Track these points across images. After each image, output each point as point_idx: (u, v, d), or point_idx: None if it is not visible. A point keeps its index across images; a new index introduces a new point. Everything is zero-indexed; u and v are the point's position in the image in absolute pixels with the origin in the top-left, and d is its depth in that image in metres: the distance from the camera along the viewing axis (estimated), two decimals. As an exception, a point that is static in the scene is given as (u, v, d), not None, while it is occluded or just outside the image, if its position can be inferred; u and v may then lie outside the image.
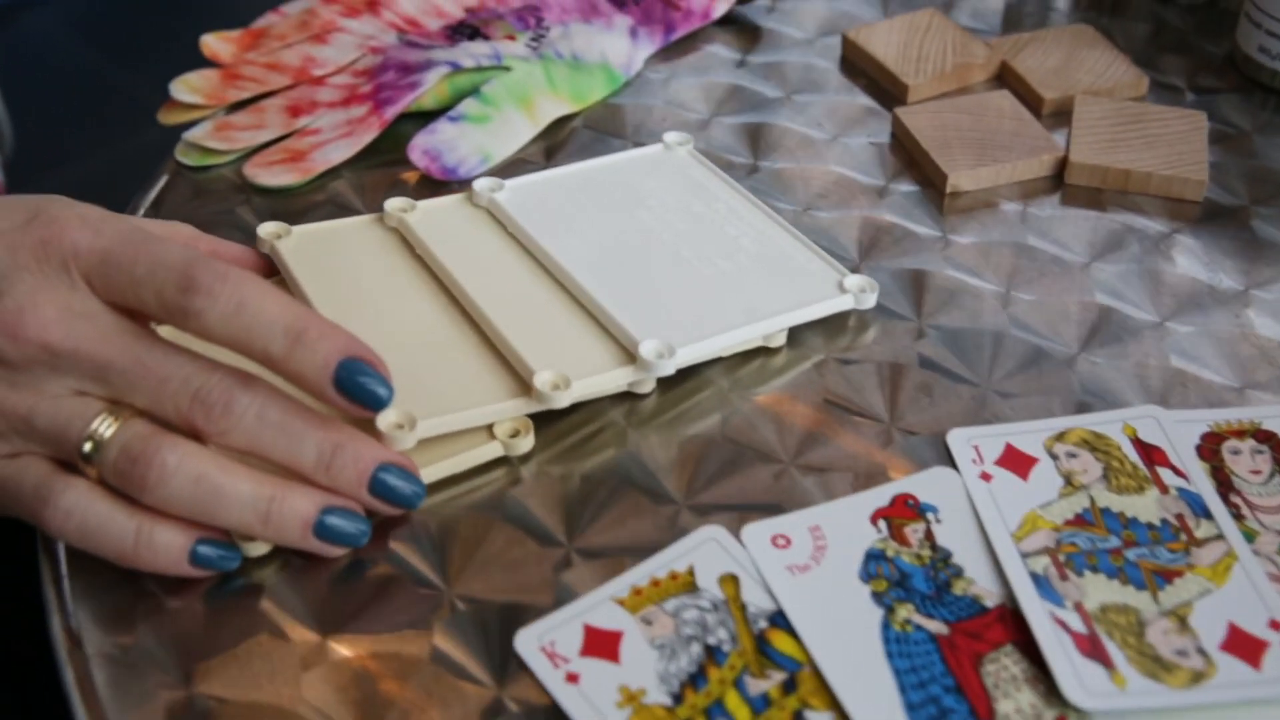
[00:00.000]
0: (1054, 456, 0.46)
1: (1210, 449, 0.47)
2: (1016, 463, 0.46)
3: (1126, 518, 0.44)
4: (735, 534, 0.43)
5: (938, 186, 0.60)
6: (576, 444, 0.47)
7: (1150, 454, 0.46)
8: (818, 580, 0.42)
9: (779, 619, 0.41)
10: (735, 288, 0.51)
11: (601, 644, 0.40)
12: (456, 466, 0.46)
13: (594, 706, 0.38)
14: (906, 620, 0.41)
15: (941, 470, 0.46)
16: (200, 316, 0.40)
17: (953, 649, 0.40)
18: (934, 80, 0.66)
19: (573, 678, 0.39)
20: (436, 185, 0.59)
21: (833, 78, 0.68)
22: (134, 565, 0.41)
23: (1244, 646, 0.40)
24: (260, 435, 0.41)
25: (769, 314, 0.50)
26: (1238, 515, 0.44)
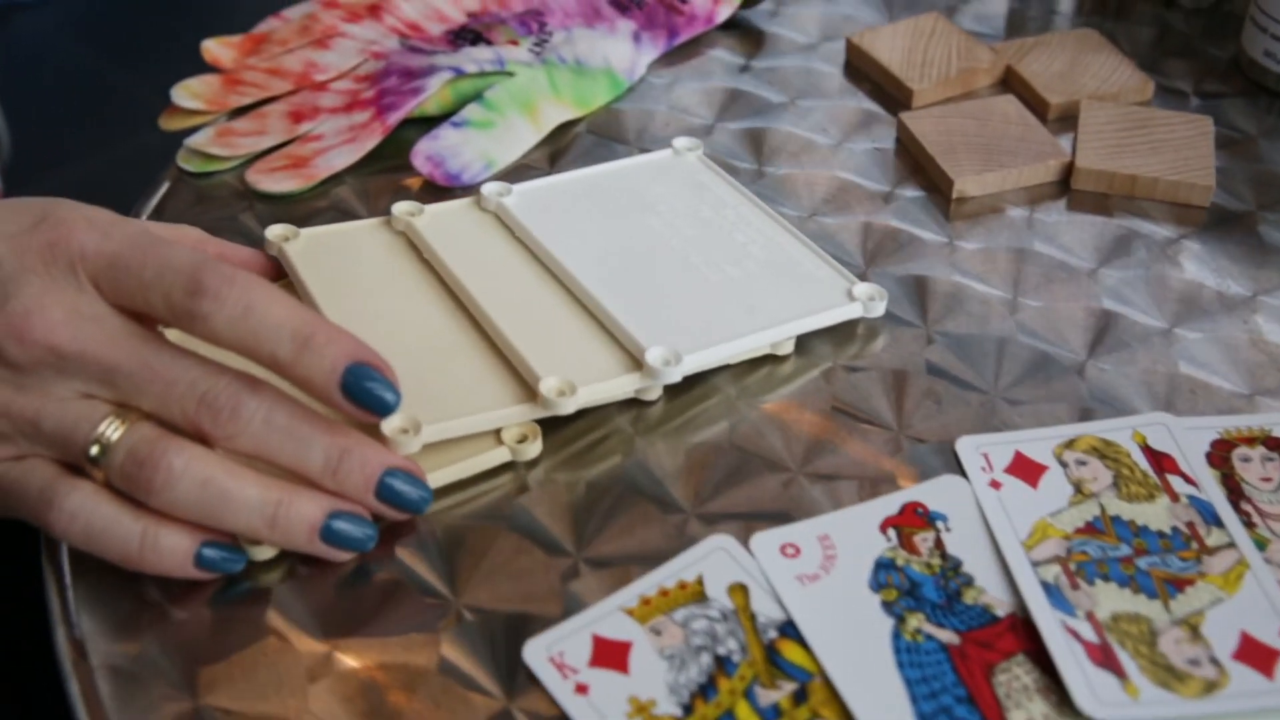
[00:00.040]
0: (1063, 464, 0.46)
1: (1220, 456, 0.47)
2: (1026, 470, 0.46)
3: (1137, 526, 0.44)
4: (744, 543, 0.43)
5: (943, 192, 0.60)
6: (582, 451, 0.47)
7: (1160, 461, 0.46)
8: (827, 590, 0.42)
9: (789, 629, 0.40)
10: (743, 295, 0.51)
11: (610, 654, 0.40)
12: (464, 471, 0.46)
13: (603, 717, 0.38)
14: (917, 630, 0.40)
15: (950, 478, 0.46)
16: (207, 320, 0.40)
17: (964, 659, 0.40)
18: (939, 85, 0.65)
19: (582, 689, 0.39)
20: (440, 191, 0.59)
21: (837, 82, 0.68)
22: (139, 568, 0.41)
23: (1256, 655, 0.40)
24: (267, 439, 0.41)
25: (777, 321, 0.50)
26: (1249, 523, 0.44)
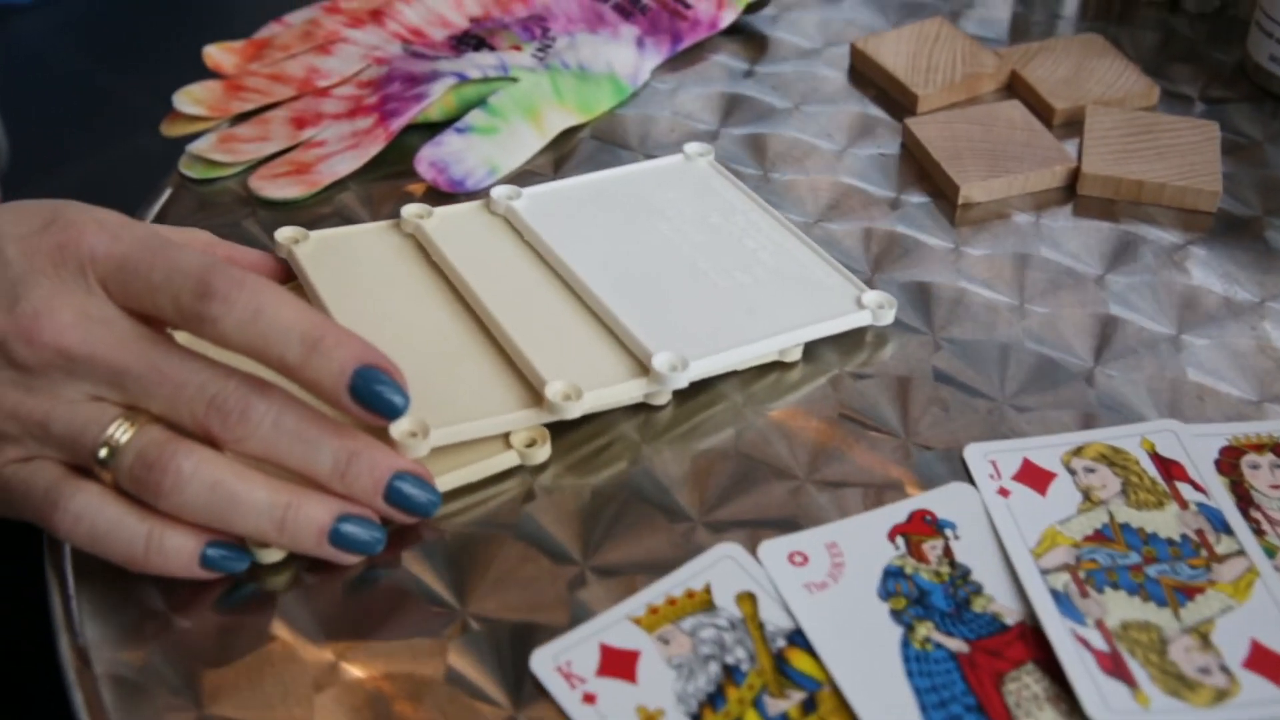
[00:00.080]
0: (1072, 471, 0.46)
1: (1229, 463, 0.46)
2: (1034, 478, 0.46)
3: (1146, 533, 0.44)
4: (751, 551, 0.43)
5: (949, 198, 0.59)
6: (588, 457, 0.47)
7: (1169, 469, 0.46)
8: (836, 598, 0.41)
9: (797, 637, 0.40)
10: (752, 301, 0.51)
11: (618, 664, 0.39)
12: (472, 475, 0.46)
13: (611, 727, 0.38)
14: (926, 638, 0.40)
15: (959, 486, 0.45)
16: (217, 323, 0.40)
17: (973, 667, 0.39)
18: (944, 90, 0.65)
19: (590, 698, 0.39)
20: (444, 197, 0.59)
21: (841, 88, 0.68)
22: (144, 569, 0.41)
23: (1267, 664, 0.40)
24: (276, 442, 0.41)
25: (785, 328, 0.49)
26: (1258, 530, 0.44)
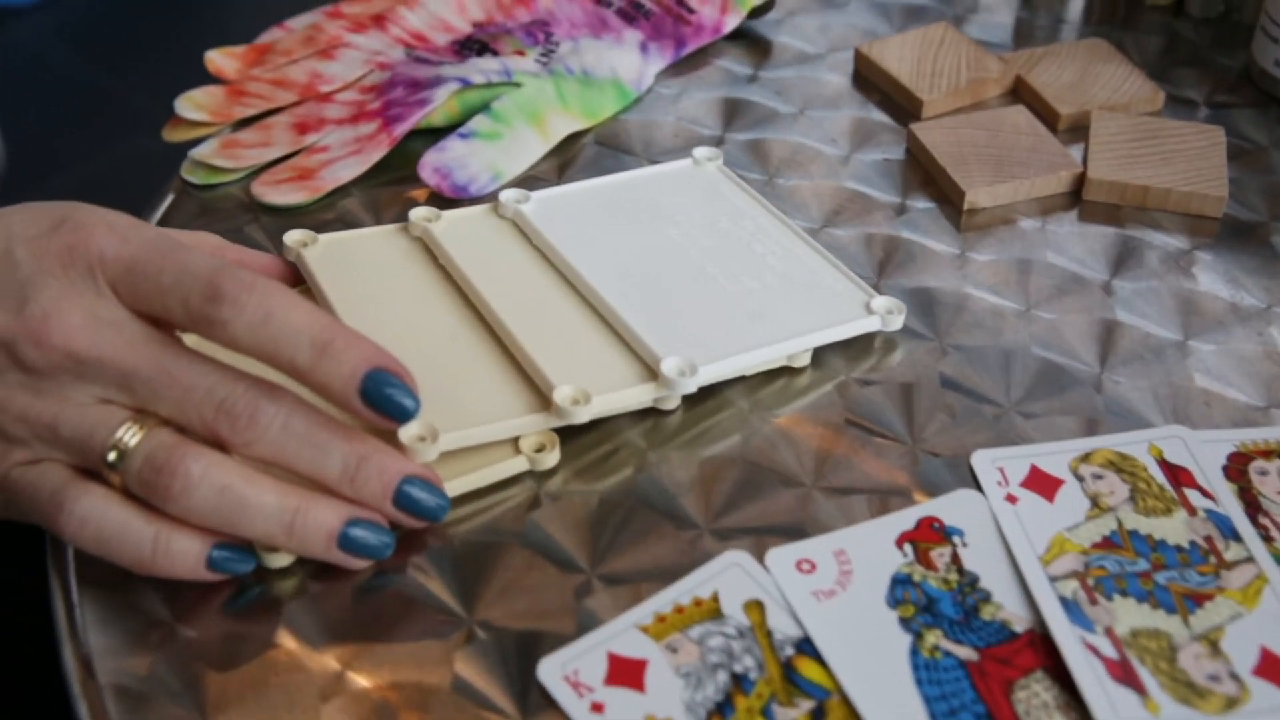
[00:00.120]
0: (1079, 478, 0.46)
1: (1237, 469, 0.46)
2: (1042, 484, 0.45)
3: (1155, 540, 0.43)
4: (758, 558, 0.43)
5: (955, 203, 0.59)
6: (594, 464, 0.47)
7: (1177, 475, 0.46)
8: (844, 606, 0.41)
9: (806, 646, 0.40)
10: (760, 306, 0.51)
11: (626, 672, 0.39)
12: (481, 480, 0.45)
13: (619, 737, 0.38)
14: (935, 646, 0.40)
15: (966, 492, 0.45)
16: (226, 326, 0.40)
17: (983, 675, 0.39)
18: (948, 95, 0.65)
19: (598, 708, 0.38)
20: (447, 203, 0.59)
21: (845, 93, 0.68)
22: (150, 572, 0.41)
23: (1277, 671, 0.39)
24: (285, 446, 0.41)
25: (794, 334, 0.49)
26: (1266, 537, 0.44)
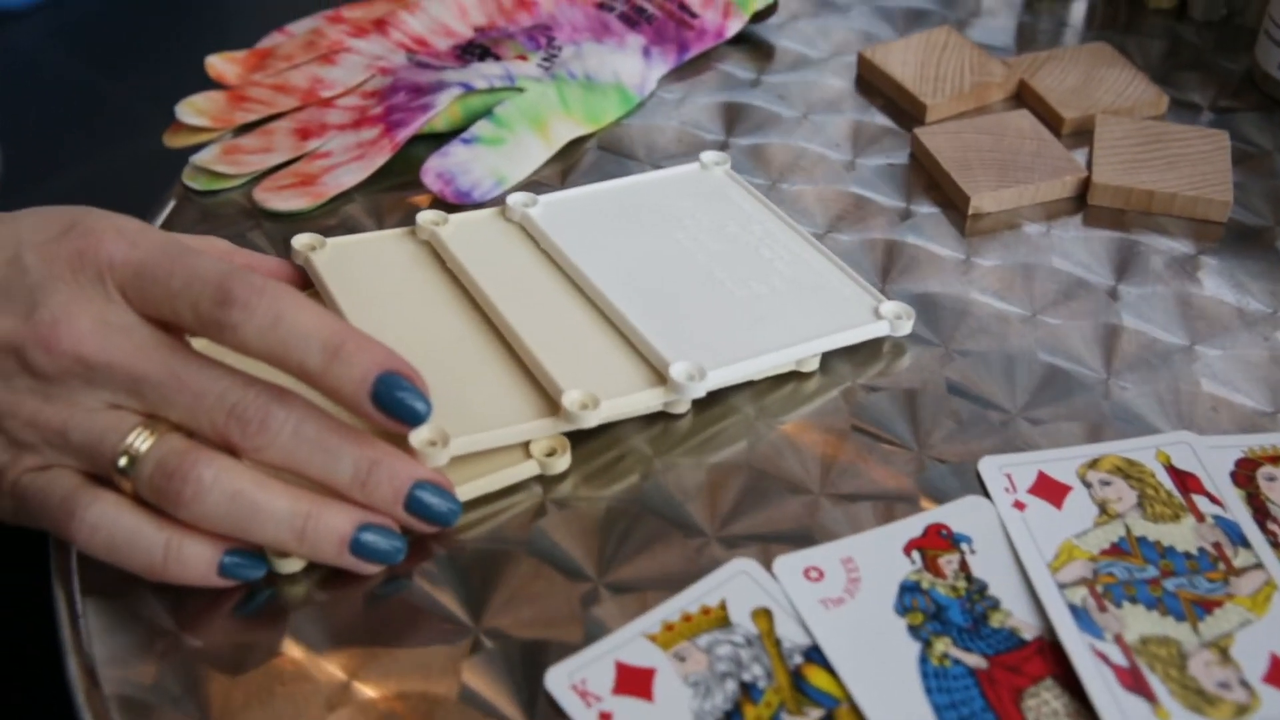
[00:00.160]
0: (1087, 484, 0.45)
1: (1245, 475, 0.46)
2: (1050, 491, 0.45)
3: (1163, 547, 0.43)
4: (765, 566, 0.42)
5: (959, 208, 0.59)
6: (600, 471, 0.46)
7: (1185, 481, 0.46)
8: (852, 614, 0.41)
9: (814, 654, 0.40)
10: (768, 311, 0.51)
11: (634, 682, 0.39)
12: (492, 485, 0.45)
13: (628, 746, 0.37)
14: (944, 654, 0.40)
15: (974, 499, 0.45)
16: (236, 330, 0.39)
17: (992, 683, 0.39)
18: (952, 100, 0.65)
19: (606, 717, 0.38)
20: (451, 208, 0.58)
21: (848, 97, 0.67)
22: (162, 579, 0.41)
23: (1288, 679, 0.39)
24: (296, 451, 0.41)
25: (802, 339, 0.49)
26: (1275, 543, 0.44)
